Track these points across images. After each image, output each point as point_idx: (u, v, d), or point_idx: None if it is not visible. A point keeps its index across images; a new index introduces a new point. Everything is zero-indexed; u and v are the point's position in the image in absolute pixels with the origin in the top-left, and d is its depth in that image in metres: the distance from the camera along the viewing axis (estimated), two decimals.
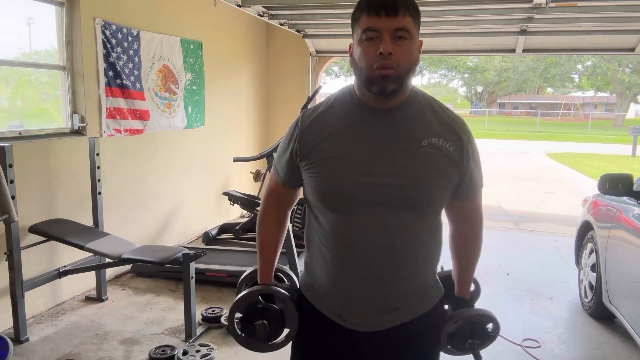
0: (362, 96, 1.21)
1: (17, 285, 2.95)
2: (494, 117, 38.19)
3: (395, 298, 1.24)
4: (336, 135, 1.20)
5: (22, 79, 3.67)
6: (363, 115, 1.21)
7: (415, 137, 1.18)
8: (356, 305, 1.24)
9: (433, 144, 1.18)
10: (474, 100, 44.99)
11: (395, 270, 1.20)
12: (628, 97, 32.35)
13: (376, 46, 1.11)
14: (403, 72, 1.13)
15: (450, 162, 1.19)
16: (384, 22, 1.10)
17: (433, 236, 1.26)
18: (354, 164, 1.17)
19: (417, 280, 1.26)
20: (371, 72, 1.12)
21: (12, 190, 2.82)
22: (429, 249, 1.26)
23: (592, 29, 5.03)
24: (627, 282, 2.94)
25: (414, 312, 1.27)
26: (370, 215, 1.17)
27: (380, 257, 1.19)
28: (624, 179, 3.12)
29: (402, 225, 1.18)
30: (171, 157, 4.78)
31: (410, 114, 1.20)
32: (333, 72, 26.90)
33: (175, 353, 2.81)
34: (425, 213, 1.21)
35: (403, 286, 1.24)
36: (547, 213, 7.40)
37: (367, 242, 1.18)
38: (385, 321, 1.25)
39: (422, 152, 1.17)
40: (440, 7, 4.45)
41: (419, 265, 1.25)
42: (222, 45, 5.54)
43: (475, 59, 32.38)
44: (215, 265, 3.99)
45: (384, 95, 1.15)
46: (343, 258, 1.22)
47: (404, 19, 1.11)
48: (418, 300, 1.28)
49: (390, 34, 1.11)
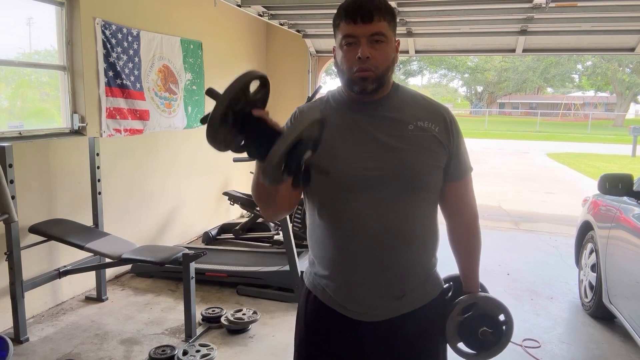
0: (347, 95, 1.31)
1: (17, 285, 2.95)
2: (494, 117, 38.20)
3: (396, 284, 1.27)
4: (334, 128, 1.24)
5: (22, 79, 3.67)
6: (352, 110, 1.30)
7: (402, 122, 1.26)
8: (359, 293, 1.27)
9: (419, 126, 1.26)
10: (474, 100, 45.01)
11: (393, 254, 1.25)
12: (628, 97, 32.35)
13: (355, 51, 1.20)
14: (381, 72, 1.23)
15: (437, 141, 1.27)
16: (361, 29, 1.19)
17: (428, 222, 1.31)
18: (348, 153, 1.25)
19: (416, 266, 1.30)
20: (351, 75, 1.22)
21: (12, 190, 2.82)
22: (424, 234, 1.30)
23: (592, 29, 5.03)
24: (627, 282, 2.94)
25: (417, 301, 1.30)
26: (366, 200, 1.23)
27: (378, 242, 1.23)
28: (624, 179, 3.12)
29: (398, 209, 1.24)
30: (171, 157, 4.78)
31: (394, 104, 1.29)
32: (333, 72, 26.84)
33: (175, 353, 2.81)
34: (420, 192, 1.26)
35: (403, 271, 1.27)
36: (547, 213, 7.39)
37: (364, 227, 1.23)
38: (389, 310, 1.28)
39: (409, 135, 1.25)
40: (440, 7, 4.45)
41: (416, 250, 1.28)
42: (222, 45, 5.54)
43: (475, 59, 32.40)
44: (215, 265, 3.99)
45: (365, 94, 1.24)
46: (342, 245, 1.27)
47: (379, 24, 1.19)
48: (420, 288, 1.31)
49: (367, 39, 1.19)
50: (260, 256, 4.31)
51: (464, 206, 1.39)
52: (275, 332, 3.20)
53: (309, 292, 1.38)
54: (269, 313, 3.46)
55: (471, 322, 1.35)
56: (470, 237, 1.41)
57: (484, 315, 1.36)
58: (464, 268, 1.43)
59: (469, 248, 1.42)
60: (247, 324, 3.18)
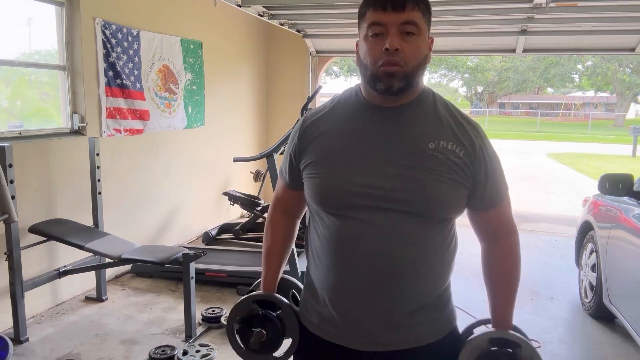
0: (367, 95, 1.15)
1: (17, 285, 2.95)
2: (494, 117, 38.17)
3: (398, 314, 1.13)
4: (337, 135, 1.14)
5: (22, 78, 3.67)
6: (367, 115, 1.14)
7: (422, 139, 1.10)
8: (354, 316, 1.15)
9: (441, 147, 1.09)
10: (474, 100, 44.98)
11: (394, 282, 1.10)
12: (628, 97, 32.34)
13: (382, 42, 1.05)
14: (411, 69, 1.06)
15: (458, 167, 1.10)
16: (391, 17, 1.04)
17: (439, 250, 1.14)
18: (353, 165, 1.10)
19: (422, 298, 1.14)
20: (376, 69, 1.07)
21: (12, 190, 2.82)
22: (433, 262, 1.14)
23: (592, 29, 5.03)
24: (627, 282, 2.93)
25: (425, 336, 1.16)
26: (368, 220, 1.09)
27: (378, 267, 1.09)
28: (624, 179, 3.12)
29: (404, 234, 1.09)
30: (171, 157, 4.78)
31: (419, 114, 1.13)
32: (333, 72, 26.90)
33: (175, 353, 2.81)
34: (430, 221, 1.10)
35: (405, 301, 1.13)
36: (547, 213, 7.39)
37: (364, 249, 1.09)
38: (388, 341, 1.15)
39: (428, 155, 1.08)
40: (440, 7, 4.45)
41: (422, 280, 1.13)
42: (222, 45, 5.54)
43: (476, 59, 32.36)
44: (215, 265, 3.99)
45: (390, 93, 1.08)
46: (339, 265, 1.14)
47: (412, 12, 1.05)
48: (428, 322, 1.16)
49: (397, 28, 1.04)
50: (260, 256, 4.30)
51: (499, 233, 1.23)
52: None
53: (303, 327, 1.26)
54: None
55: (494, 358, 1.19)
56: (507, 266, 1.24)
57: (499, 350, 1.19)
58: (496, 301, 1.25)
59: (504, 278, 1.24)
60: None
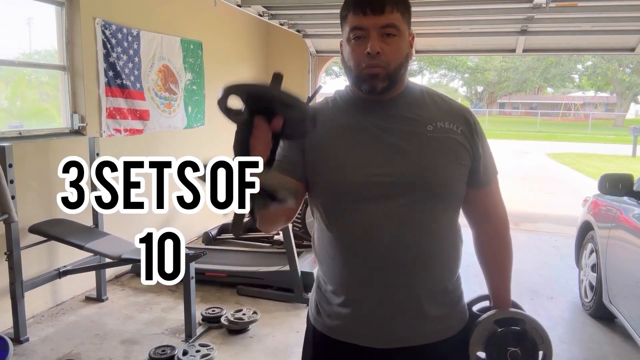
0: (356, 93, 1.19)
1: (17, 285, 2.95)
2: (494, 117, 38.17)
3: (413, 305, 1.13)
4: (339, 130, 1.16)
5: (21, 78, 3.67)
6: (361, 109, 1.17)
7: (420, 123, 1.13)
8: (371, 314, 1.14)
9: (439, 127, 1.13)
10: (474, 100, 44.97)
11: (409, 271, 1.11)
12: (628, 97, 32.34)
13: (364, 45, 1.08)
14: (393, 69, 1.10)
15: (459, 144, 1.14)
16: (371, 20, 1.07)
17: (450, 235, 1.16)
18: (355, 157, 1.12)
19: (436, 285, 1.16)
20: (360, 72, 1.10)
21: (12, 190, 2.82)
22: (445, 248, 1.16)
23: (592, 29, 5.03)
24: (627, 282, 2.93)
25: (440, 333, 1.17)
26: (377, 211, 1.09)
27: (392, 257, 1.10)
28: (624, 179, 3.12)
29: (414, 220, 1.10)
30: (171, 157, 4.77)
31: (410, 102, 1.17)
32: (333, 72, 26.87)
33: (175, 353, 2.81)
34: (440, 201, 1.12)
35: (421, 291, 1.13)
36: (547, 213, 7.39)
37: (376, 241, 1.10)
38: (401, 337, 1.14)
39: (428, 137, 1.12)
40: (440, 7, 4.45)
41: (436, 267, 1.14)
42: (222, 45, 5.54)
43: (476, 59, 32.34)
44: (215, 265, 3.99)
45: (374, 93, 1.12)
46: (353, 261, 1.14)
47: (391, 15, 1.08)
48: (443, 318, 1.17)
49: (377, 32, 1.07)
50: (260, 256, 4.31)
51: (491, 213, 1.27)
52: (275, 332, 3.19)
53: (314, 329, 1.24)
54: (269, 313, 3.46)
55: (503, 338, 1.21)
56: (500, 246, 1.28)
57: (520, 337, 1.22)
58: (493, 283, 1.29)
59: (499, 259, 1.28)
60: (247, 324, 3.18)
